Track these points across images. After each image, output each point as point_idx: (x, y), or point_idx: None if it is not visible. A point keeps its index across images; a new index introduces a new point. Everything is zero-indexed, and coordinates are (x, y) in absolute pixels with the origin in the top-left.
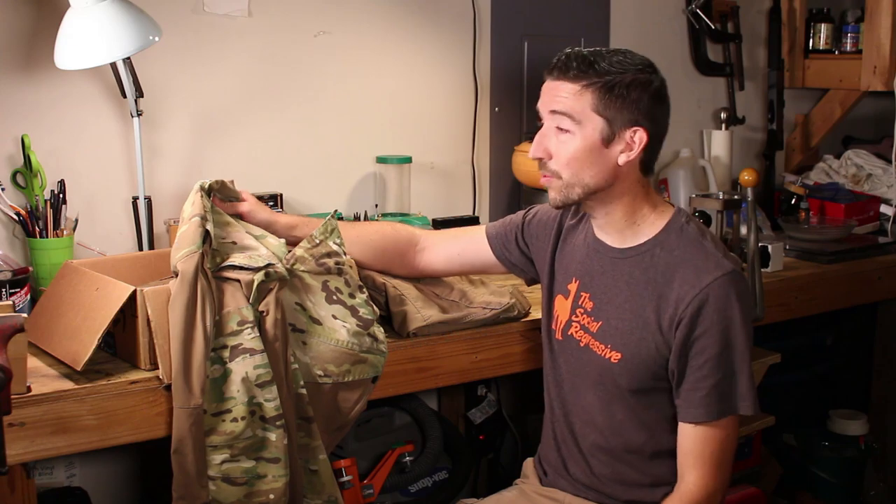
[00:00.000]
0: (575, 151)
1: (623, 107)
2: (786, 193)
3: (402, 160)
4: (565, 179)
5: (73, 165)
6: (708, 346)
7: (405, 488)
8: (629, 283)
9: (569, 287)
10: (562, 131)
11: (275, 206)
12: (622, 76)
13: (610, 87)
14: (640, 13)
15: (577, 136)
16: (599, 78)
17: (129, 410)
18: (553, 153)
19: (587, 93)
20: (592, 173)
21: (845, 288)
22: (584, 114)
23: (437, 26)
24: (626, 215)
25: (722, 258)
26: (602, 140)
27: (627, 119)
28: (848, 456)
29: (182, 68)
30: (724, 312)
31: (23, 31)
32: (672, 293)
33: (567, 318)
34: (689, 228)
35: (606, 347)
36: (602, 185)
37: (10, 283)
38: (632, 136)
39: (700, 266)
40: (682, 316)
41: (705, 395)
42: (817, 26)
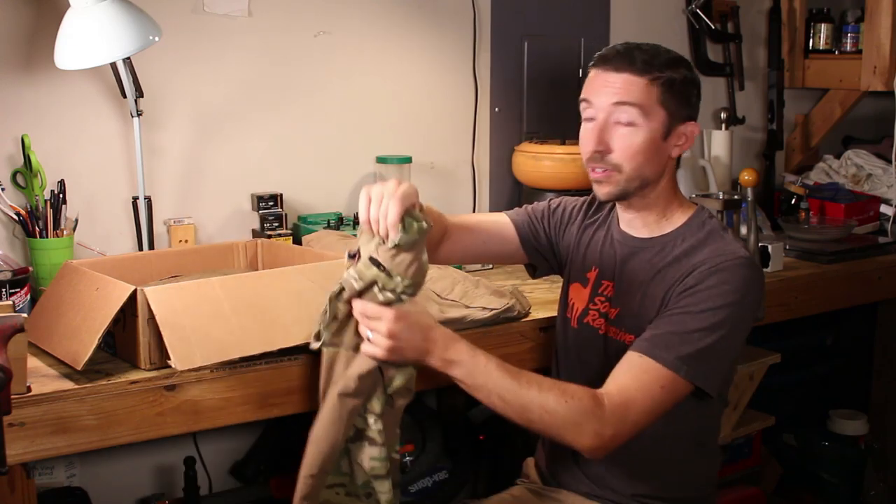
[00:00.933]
0: (641, 144)
1: (681, 102)
2: (786, 193)
3: (402, 160)
4: (626, 172)
5: (73, 165)
6: (698, 301)
7: (405, 488)
8: (647, 270)
9: (587, 275)
10: (624, 124)
11: (275, 205)
12: (679, 72)
13: (671, 83)
14: (640, 13)
15: (644, 129)
16: (662, 73)
17: (129, 410)
18: (614, 146)
19: (654, 86)
20: (652, 166)
21: (845, 288)
22: (651, 106)
23: (437, 26)
24: (661, 208)
25: (740, 248)
26: (663, 133)
27: (684, 113)
28: (848, 456)
29: (182, 68)
30: (728, 283)
31: (23, 31)
32: (682, 270)
33: (584, 307)
34: (711, 223)
35: (621, 331)
36: (656, 178)
37: (10, 283)
38: (685, 130)
39: (719, 249)
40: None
41: (663, 335)
42: (817, 26)
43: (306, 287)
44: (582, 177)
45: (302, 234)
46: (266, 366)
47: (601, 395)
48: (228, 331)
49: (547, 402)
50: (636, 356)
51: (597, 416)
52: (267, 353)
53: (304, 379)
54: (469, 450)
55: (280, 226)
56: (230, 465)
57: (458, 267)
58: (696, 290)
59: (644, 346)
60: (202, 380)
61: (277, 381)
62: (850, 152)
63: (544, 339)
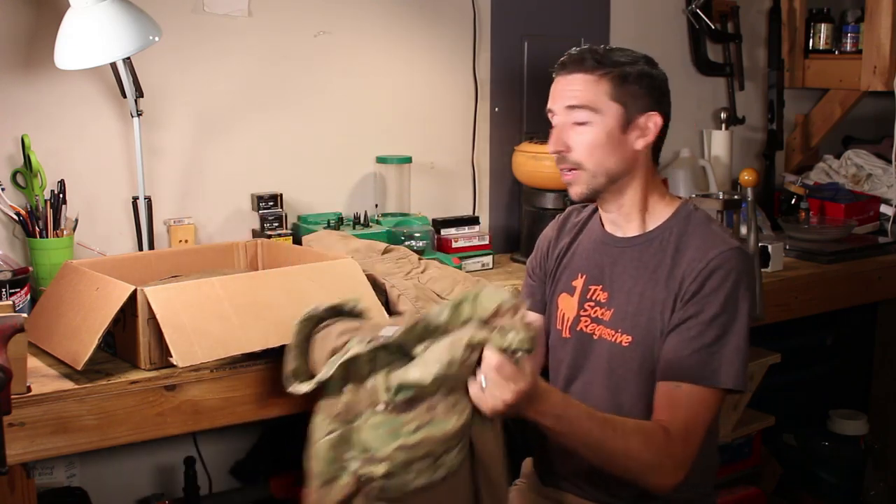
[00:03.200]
0: (595, 140)
1: (637, 94)
2: (786, 193)
3: (402, 160)
4: (590, 169)
5: (73, 165)
6: (706, 308)
7: None
8: (637, 268)
9: (574, 284)
10: (579, 124)
11: (275, 205)
12: (633, 66)
13: (624, 76)
14: (640, 13)
15: (597, 125)
16: (614, 67)
17: (129, 410)
18: (572, 145)
19: (603, 82)
20: (614, 159)
21: (845, 288)
22: (601, 102)
23: (437, 26)
24: (638, 203)
25: (729, 237)
26: (619, 126)
27: (642, 105)
28: (848, 456)
29: (182, 68)
30: (728, 280)
31: (23, 31)
32: (680, 269)
33: (575, 315)
34: (696, 214)
35: (617, 332)
36: (623, 172)
37: (10, 283)
38: (646, 121)
39: (708, 242)
40: (688, 288)
41: (689, 356)
42: (817, 26)
43: (306, 287)
44: None
45: (302, 234)
46: (266, 366)
47: (668, 433)
48: (229, 329)
49: (630, 448)
50: (674, 386)
51: (671, 454)
52: (267, 353)
53: None
54: None
55: (280, 226)
56: (230, 465)
57: (459, 267)
58: (701, 296)
59: (677, 373)
60: (202, 380)
61: (277, 381)
62: (850, 152)
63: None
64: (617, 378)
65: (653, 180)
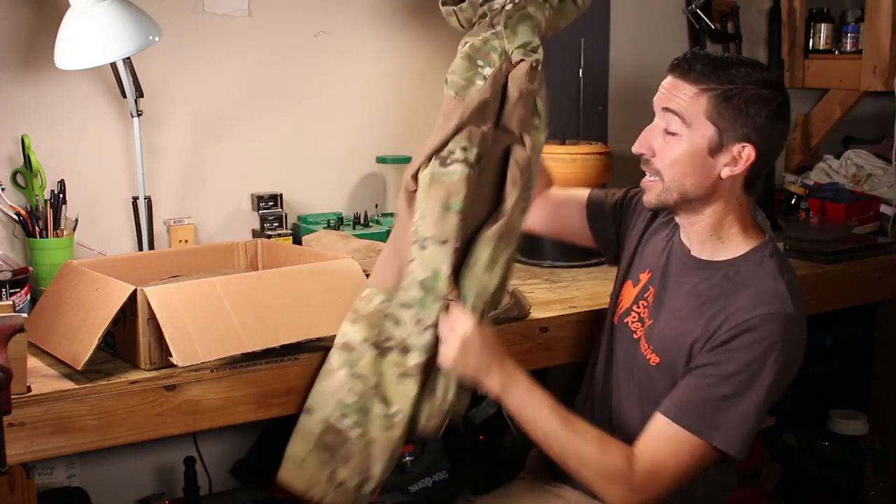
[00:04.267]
0: (679, 154)
1: (737, 119)
2: (786, 193)
3: (402, 160)
4: (666, 182)
5: (73, 165)
6: (728, 362)
7: (405, 488)
8: (689, 293)
9: (641, 276)
10: (669, 132)
11: (275, 205)
12: (744, 88)
13: (728, 97)
14: (640, 13)
15: (684, 140)
16: (720, 85)
17: (129, 410)
18: (657, 151)
19: (703, 97)
20: (694, 181)
21: (845, 288)
22: (695, 118)
23: (437, 26)
24: (710, 228)
25: (787, 299)
26: (709, 149)
27: (740, 133)
28: (848, 456)
29: (182, 68)
30: (760, 344)
31: (23, 31)
32: (724, 314)
33: (628, 306)
34: (769, 261)
35: (649, 348)
36: (700, 195)
37: (10, 283)
38: (740, 151)
39: (763, 296)
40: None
41: (694, 401)
42: (817, 26)
43: (307, 287)
44: (583, 177)
45: (302, 235)
46: (266, 366)
47: (634, 459)
48: (229, 328)
49: (584, 452)
50: (666, 423)
51: (627, 480)
52: (267, 353)
53: (304, 379)
54: (469, 450)
55: (280, 226)
56: (230, 465)
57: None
58: (728, 348)
59: (675, 412)
60: (202, 380)
61: (277, 381)
62: (850, 152)
63: (544, 340)
64: (642, 389)
65: (737, 210)
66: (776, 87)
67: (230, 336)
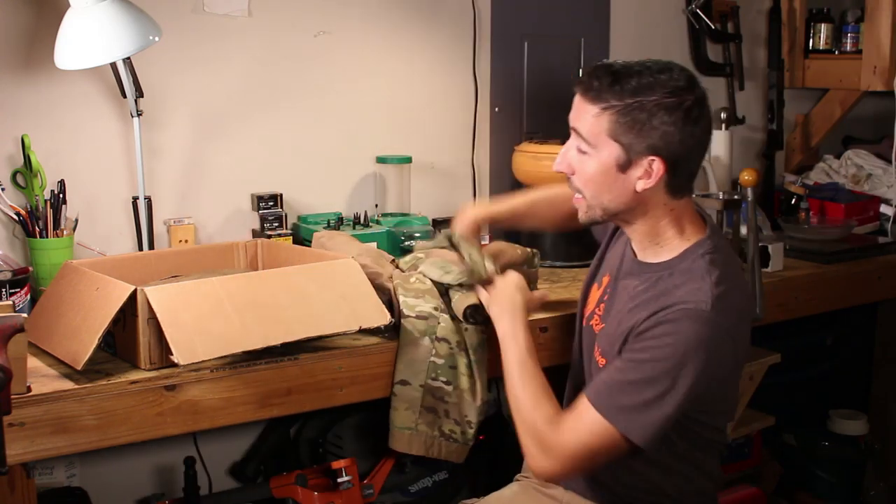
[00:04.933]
0: (592, 173)
1: (641, 133)
2: (786, 193)
3: (402, 160)
4: (587, 199)
5: (73, 165)
6: (644, 350)
7: (405, 488)
8: (630, 296)
9: (603, 279)
10: (580, 151)
11: (275, 205)
12: (645, 100)
13: (628, 112)
14: (640, 13)
15: (593, 158)
16: (619, 101)
17: (129, 410)
18: (575, 169)
19: (605, 116)
20: (611, 196)
21: (845, 288)
22: (599, 138)
23: (437, 26)
24: (646, 236)
25: (711, 298)
26: (618, 166)
27: (645, 146)
28: (848, 456)
29: (182, 68)
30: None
31: (23, 31)
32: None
33: (592, 308)
34: (700, 261)
35: (598, 350)
36: (622, 209)
37: (10, 283)
38: (650, 164)
39: (687, 293)
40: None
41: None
42: (817, 26)
43: (307, 287)
44: None
45: (302, 235)
46: (266, 366)
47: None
48: (230, 327)
49: (520, 400)
50: (584, 399)
51: (542, 441)
52: (267, 352)
53: (304, 379)
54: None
55: (280, 226)
56: (230, 465)
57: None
58: (646, 337)
59: (591, 390)
60: (202, 380)
61: (277, 381)
62: (850, 152)
63: (545, 339)
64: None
65: (669, 215)
66: (684, 90)
67: (231, 335)
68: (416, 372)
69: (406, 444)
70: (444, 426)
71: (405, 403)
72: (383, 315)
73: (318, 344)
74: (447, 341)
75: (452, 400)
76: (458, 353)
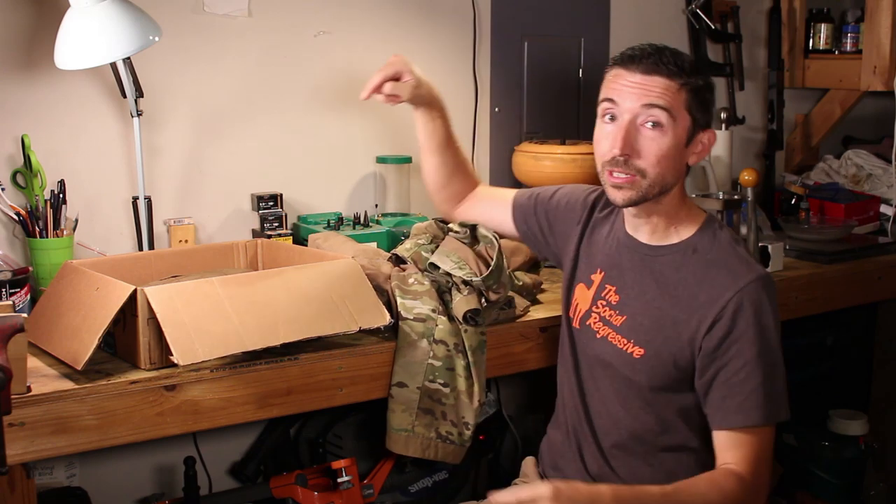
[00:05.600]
0: (667, 149)
1: (705, 109)
2: (786, 193)
3: (402, 160)
4: (650, 178)
5: (73, 165)
6: (745, 349)
7: (405, 488)
8: (659, 282)
9: (592, 277)
10: (652, 128)
11: (275, 205)
12: (703, 78)
13: (698, 89)
14: (640, 13)
15: (670, 134)
16: (691, 78)
17: (129, 410)
18: (642, 149)
19: (684, 91)
20: (674, 172)
21: (845, 288)
22: (679, 111)
23: (437, 26)
24: (670, 216)
25: (754, 263)
26: (686, 139)
27: (706, 121)
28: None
29: (182, 68)
30: (759, 316)
31: (23, 31)
32: (704, 295)
33: (587, 308)
34: (721, 234)
35: (629, 342)
36: (674, 184)
37: (10, 283)
38: (707, 138)
39: (735, 269)
40: (716, 318)
41: (743, 401)
42: (817, 26)
43: (307, 287)
44: (582, 177)
45: (302, 235)
46: (266, 366)
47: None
48: (230, 328)
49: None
50: (734, 435)
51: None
52: (267, 352)
53: (304, 379)
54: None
55: (280, 226)
56: (230, 465)
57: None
58: (736, 337)
59: (734, 419)
60: (202, 380)
61: (277, 381)
62: (850, 152)
63: (544, 339)
64: (623, 383)
65: (684, 194)
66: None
67: (230, 335)
68: (413, 374)
69: (403, 445)
70: (441, 428)
71: (402, 405)
72: (383, 315)
73: (318, 344)
74: (445, 343)
75: (450, 402)
76: (456, 355)
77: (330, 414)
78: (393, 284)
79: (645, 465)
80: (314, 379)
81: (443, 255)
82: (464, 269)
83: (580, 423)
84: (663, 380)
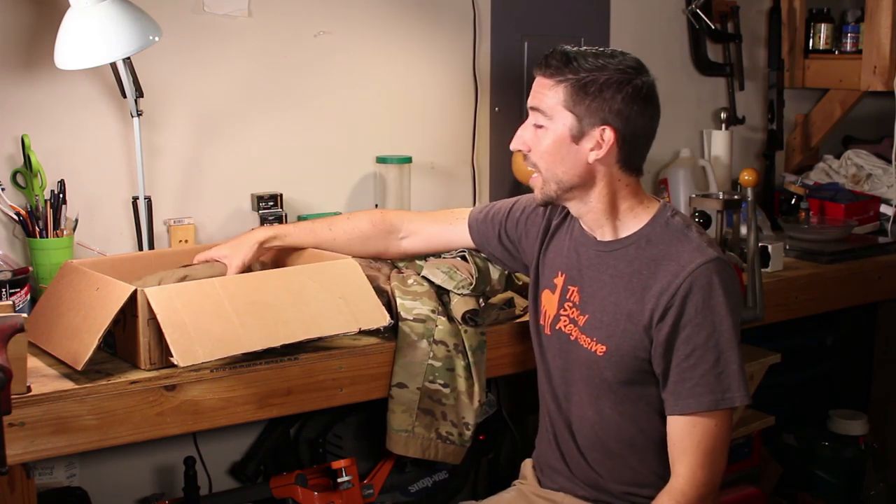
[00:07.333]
0: (546, 145)
1: (593, 105)
2: (786, 193)
3: (402, 160)
4: (543, 174)
5: (73, 165)
6: (693, 334)
7: (405, 488)
8: (613, 276)
9: (555, 281)
10: (537, 126)
11: (275, 205)
12: (598, 74)
13: (582, 85)
14: (640, 13)
15: (549, 131)
16: (574, 75)
17: (129, 410)
18: (531, 146)
19: (559, 88)
20: (564, 168)
21: (845, 288)
22: (555, 109)
23: (437, 26)
24: (605, 211)
25: (706, 247)
26: (571, 136)
27: (597, 118)
28: (848, 456)
29: (182, 68)
30: (708, 301)
31: (23, 31)
32: (656, 284)
33: (555, 313)
34: (674, 221)
35: (592, 340)
36: (576, 182)
37: (10, 283)
38: (601, 134)
39: (683, 255)
40: (667, 306)
41: (694, 386)
42: (817, 26)
43: (307, 287)
44: None
45: None
46: (266, 366)
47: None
48: (230, 328)
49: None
50: (684, 421)
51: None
52: (267, 353)
53: (304, 379)
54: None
55: None
56: (230, 465)
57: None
58: (686, 321)
59: (685, 403)
60: (202, 380)
61: (277, 381)
62: (850, 152)
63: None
64: (594, 384)
65: (625, 190)
66: (635, 72)
67: (230, 336)
68: (413, 375)
69: (403, 446)
70: (441, 428)
71: (402, 406)
72: (383, 316)
73: (318, 344)
74: (445, 344)
75: (450, 402)
76: (456, 356)
77: (330, 414)
78: (393, 285)
79: (627, 466)
80: (314, 379)
81: (433, 267)
82: (455, 279)
83: (561, 429)
84: (628, 374)
